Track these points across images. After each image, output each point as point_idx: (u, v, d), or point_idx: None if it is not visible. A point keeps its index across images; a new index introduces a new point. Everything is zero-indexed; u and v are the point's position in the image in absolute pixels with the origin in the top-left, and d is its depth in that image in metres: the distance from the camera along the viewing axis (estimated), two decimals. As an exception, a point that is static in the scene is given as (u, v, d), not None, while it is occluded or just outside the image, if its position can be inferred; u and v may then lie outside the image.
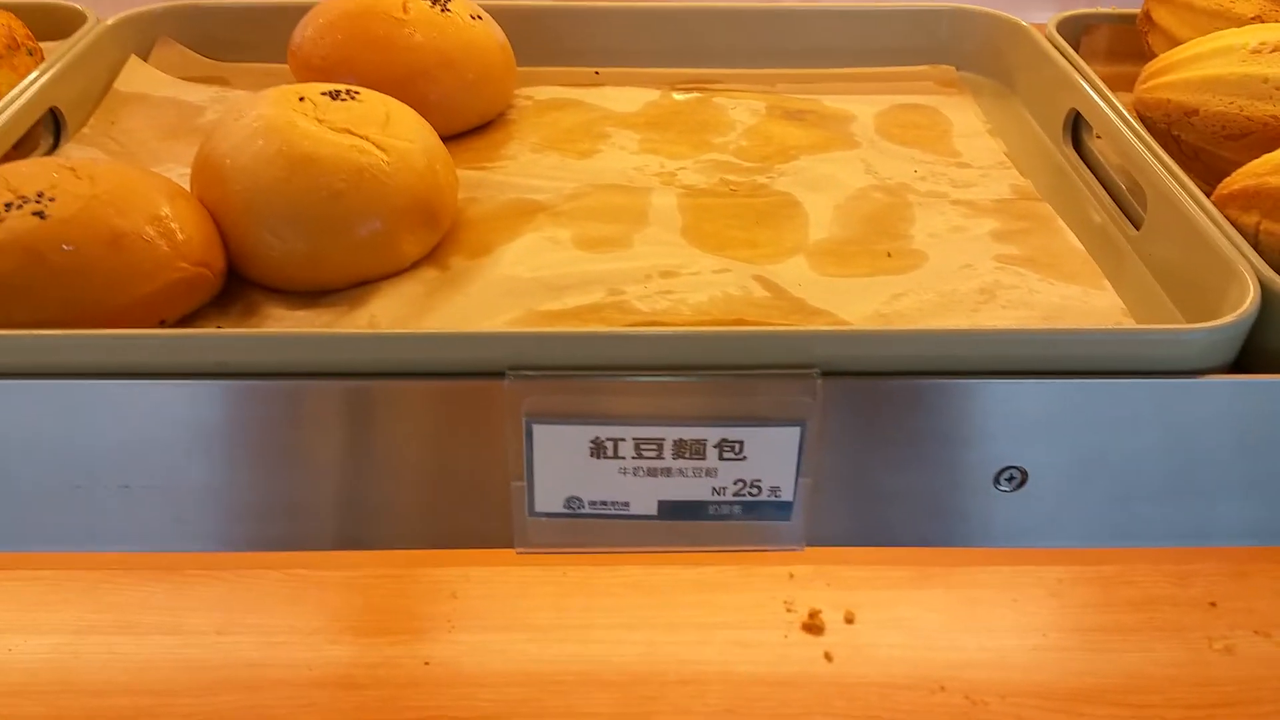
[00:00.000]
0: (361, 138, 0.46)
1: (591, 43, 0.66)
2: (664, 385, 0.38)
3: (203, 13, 0.63)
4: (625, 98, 0.62)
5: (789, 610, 0.92)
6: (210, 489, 0.39)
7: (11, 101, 0.52)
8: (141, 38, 0.63)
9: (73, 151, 0.54)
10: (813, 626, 0.91)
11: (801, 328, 0.40)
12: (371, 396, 0.38)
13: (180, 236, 0.41)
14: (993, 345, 0.38)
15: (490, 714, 0.84)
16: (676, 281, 0.45)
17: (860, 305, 0.44)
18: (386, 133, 0.46)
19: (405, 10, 0.56)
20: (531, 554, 0.40)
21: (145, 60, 0.62)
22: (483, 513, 0.41)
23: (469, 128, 0.58)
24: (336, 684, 0.86)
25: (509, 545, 0.41)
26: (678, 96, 0.63)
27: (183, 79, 0.62)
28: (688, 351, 0.37)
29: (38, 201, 0.39)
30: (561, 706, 0.85)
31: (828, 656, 0.88)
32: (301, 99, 0.47)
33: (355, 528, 0.41)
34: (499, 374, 0.37)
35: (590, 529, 0.40)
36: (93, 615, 0.91)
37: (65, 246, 0.38)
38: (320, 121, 0.46)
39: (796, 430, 0.38)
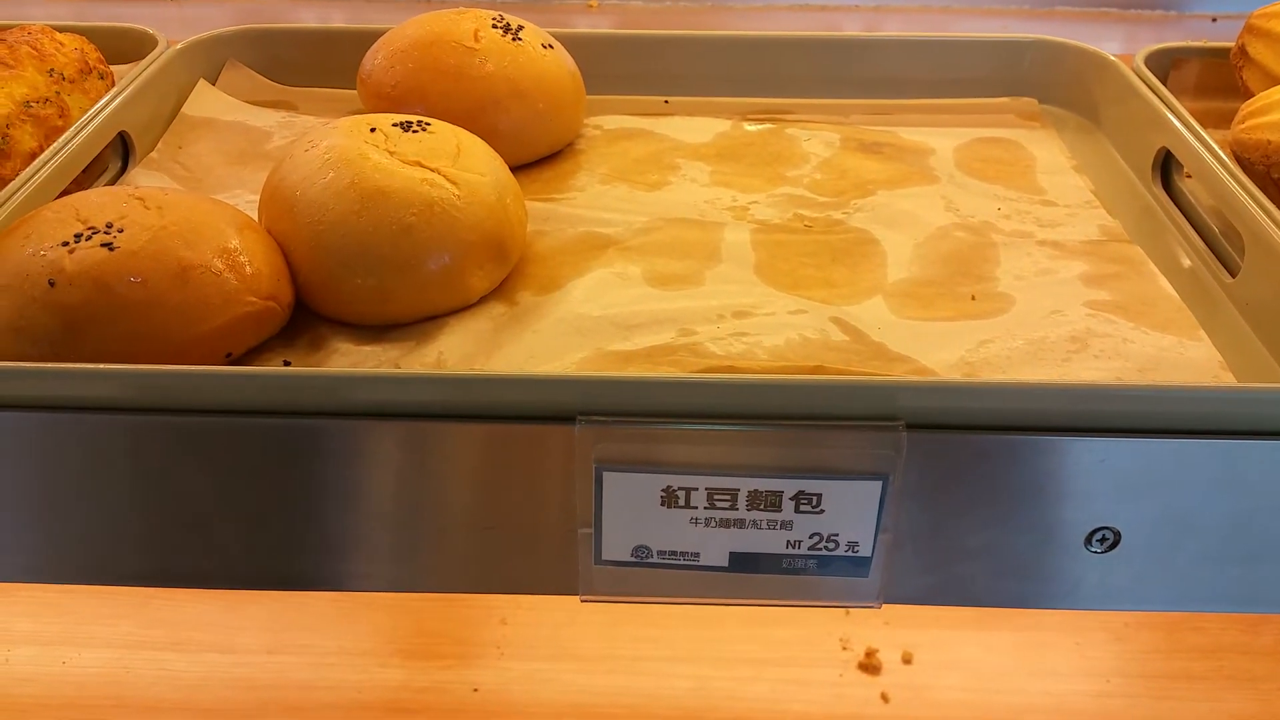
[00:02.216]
0: (433, 170, 0.45)
1: (662, 71, 0.65)
2: (740, 434, 0.36)
3: (271, 37, 0.64)
4: (695, 128, 0.61)
5: (844, 648, 0.90)
6: (269, 525, 0.39)
7: (83, 126, 0.52)
8: (210, 62, 0.63)
9: (140, 176, 0.54)
10: (869, 666, 0.88)
11: (886, 378, 0.38)
12: (438, 437, 0.37)
13: (249, 270, 0.41)
14: (1089, 401, 0.36)
15: (537, 745, 0.83)
16: (751, 323, 0.44)
17: (944, 352, 0.42)
18: (458, 165, 0.46)
19: (477, 39, 0.55)
20: (595, 602, 0.39)
21: (213, 84, 0.62)
22: (546, 559, 0.39)
23: (538, 157, 0.57)
24: (385, 708, 0.85)
25: (572, 592, 0.40)
26: (749, 127, 0.61)
27: (250, 103, 0.62)
28: (766, 400, 0.36)
29: (106, 232, 0.39)
30: (609, 739, 0.84)
31: (884, 698, 0.86)
32: (373, 130, 0.46)
33: (412, 570, 0.40)
34: (569, 419, 0.36)
35: (657, 579, 0.39)
36: (145, 631, 0.91)
37: (133, 279, 0.38)
38: (391, 153, 0.45)
39: (878, 484, 0.36)
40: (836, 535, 0.37)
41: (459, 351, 0.43)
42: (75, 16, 0.65)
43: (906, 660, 0.89)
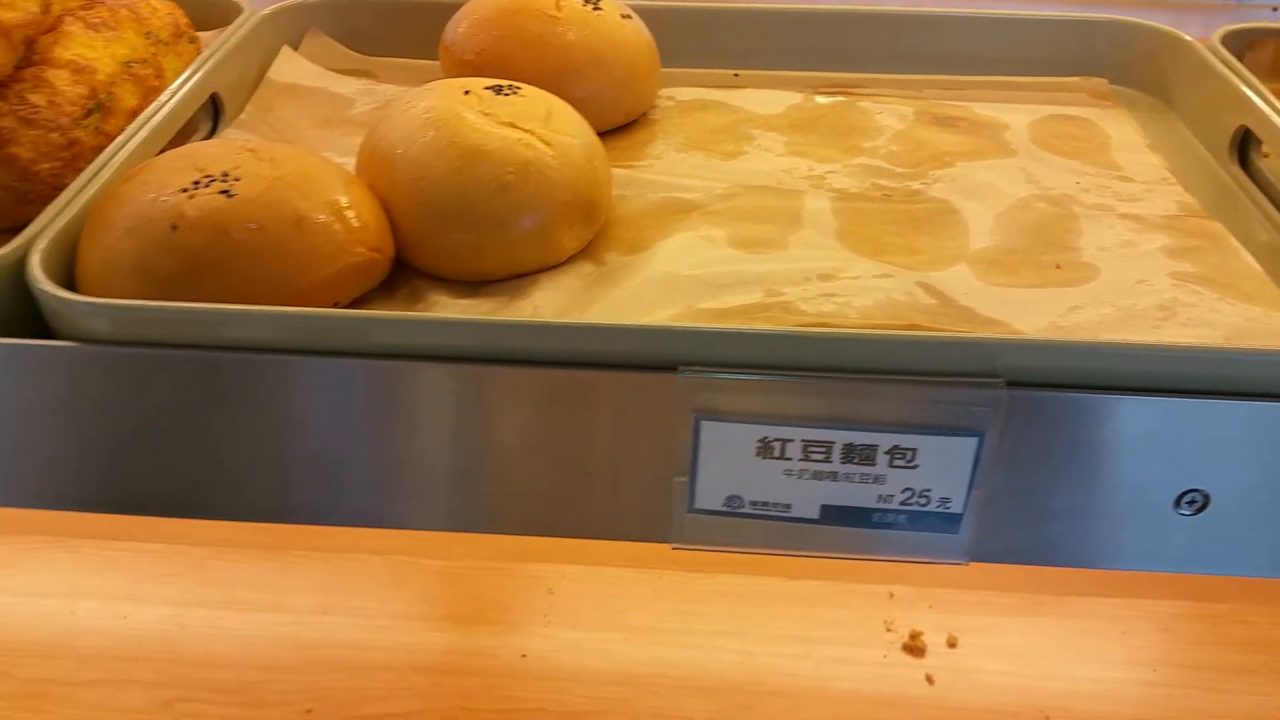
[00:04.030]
0: (527, 131, 0.46)
1: (732, 44, 0.65)
2: (837, 388, 0.37)
3: (352, 6, 0.65)
4: (767, 100, 0.62)
5: (889, 630, 0.91)
6: (377, 466, 0.40)
7: (180, 87, 0.53)
8: (294, 29, 0.64)
9: (231, 136, 0.55)
10: (914, 648, 0.89)
11: (989, 336, 0.39)
12: (540, 384, 0.38)
13: (357, 222, 0.42)
14: (1187, 363, 0.36)
15: (584, 710, 0.84)
16: (837, 285, 0.45)
17: (1034, 317, 0.43)
18: (549, 128, 0.47)
19: (559, 8, 0.56)
20: (687, 550, 0.40)
21: (295, 51, 0.63)
22: (638, 507, 0.40)
23: (614, 126, 0.58)
24: (435, 670, 0.87)
25: (664, 540, 0.41)
26: (821, 100, 0.62)
27: (331, 70, 0.63)
28: (868, 355, 0.37)
29: (223, 180, 0.40)
30: (655, 709, 0.85)
31: (929, 679, 0.86)
32: (467, 92, 0.47)
33: (505, 513, 0.41)
34: (671, 369, 0.37)
35: (748, 529, 0.40)
36: (200, 589, 0.93)
37: (251, 225, 0.39)
38: (486, 115, 0.46)
39: (974, 441, 0.37)
40: (929, 491, 0.38)
41: (553, 306, 0.44)
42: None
43: (951, 644, 0.89)
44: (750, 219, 0.49)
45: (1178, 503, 0.38)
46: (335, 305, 0.42)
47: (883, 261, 0.47)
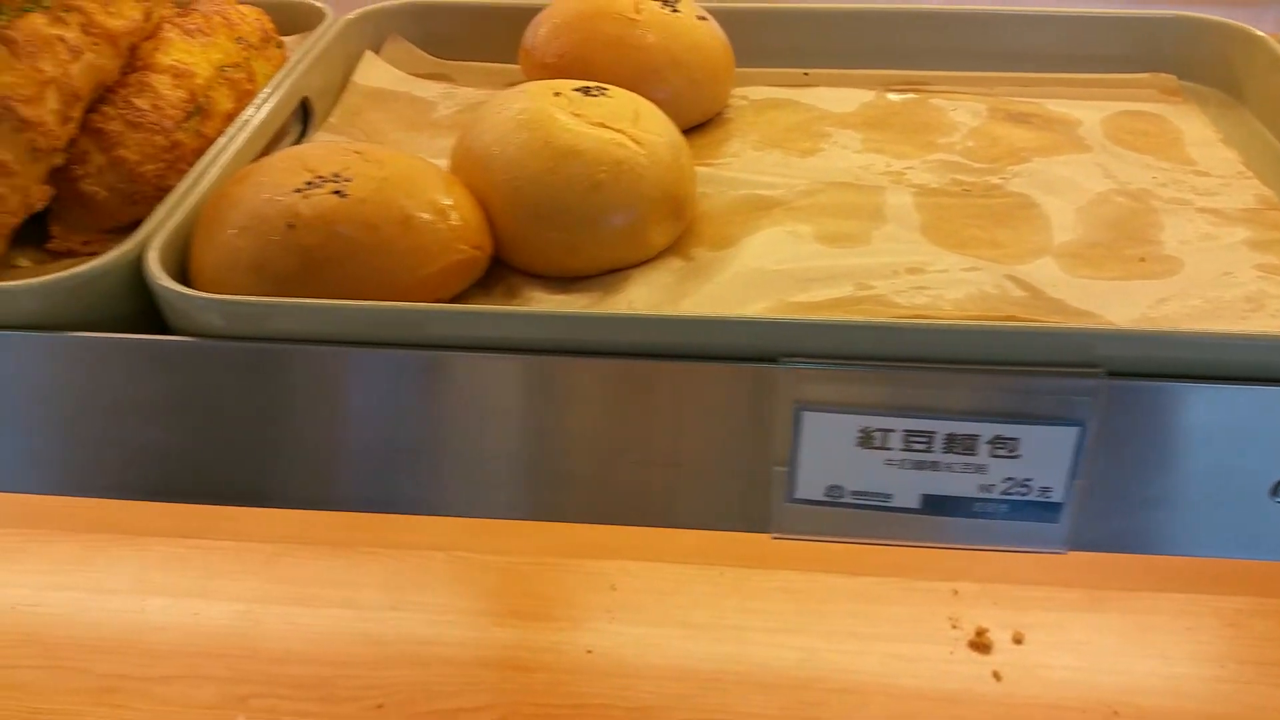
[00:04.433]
0: (617, 131, 0.47)
1: (802, 43, 0.66)
2: (939, 379, 0.38)
3: (431, 11, 0.66)
4: (839, 98, 0.62)
5: (954, 627, 0.91)
6: (480, 458, 0.41)
7: (275, 91, 0.55)
8: (375, 33, 0.66)
9: (322, 139, 0.57)
10: (980, 644, 0.89)
11: (1089, 326, 0.39)
12: (642, 376, 0.39)
13: (459, 221, 0.43)
14: (1284, 352, 0.37)
15: (650, 706, 0.85)
16: (926, 278, 0.45)
17: (1123, 308, 0.43)
18: (638, 127, 0.48)
19: (637, 11, 0.57)
20: (786, 539, 0.41)
21: (377, 55, 0.65)
22: (735, 497, 0.41)
23: (692, 125, 0.59)
24: (503, 665, 0.88)
25: (762, 530, 0.41)
26: (893, 97, 0.63)
27: (411, 74, 0.65)
28: (970, 346, 0.37)
29: (335, 181, 0.42)
30: (720, 705, 0.86)
31: (996, 675, 0.86)
32: (557, 94, 0.49)
33: (604, 501, 0.42)
34: (771, 360, 0.38)
35: (848, 519, 0.40)
36: (271, 586, 0.95)
37: (363, 224, 0.41)
38: (577, 115, 0.47)
39: (1075, 430, 0.37)
40: (1030, 480, 0.38)
41: (647, 301, 0.45)
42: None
43: (1017, 640, 0.89)
44: (834, 214, 0.50)
45: (1275, 491, 0.39)
46: (437, 301, 0.43)
47: (968, 255, 0.47)
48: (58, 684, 0.88)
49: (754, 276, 0.45)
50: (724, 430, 0.40)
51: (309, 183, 0.42)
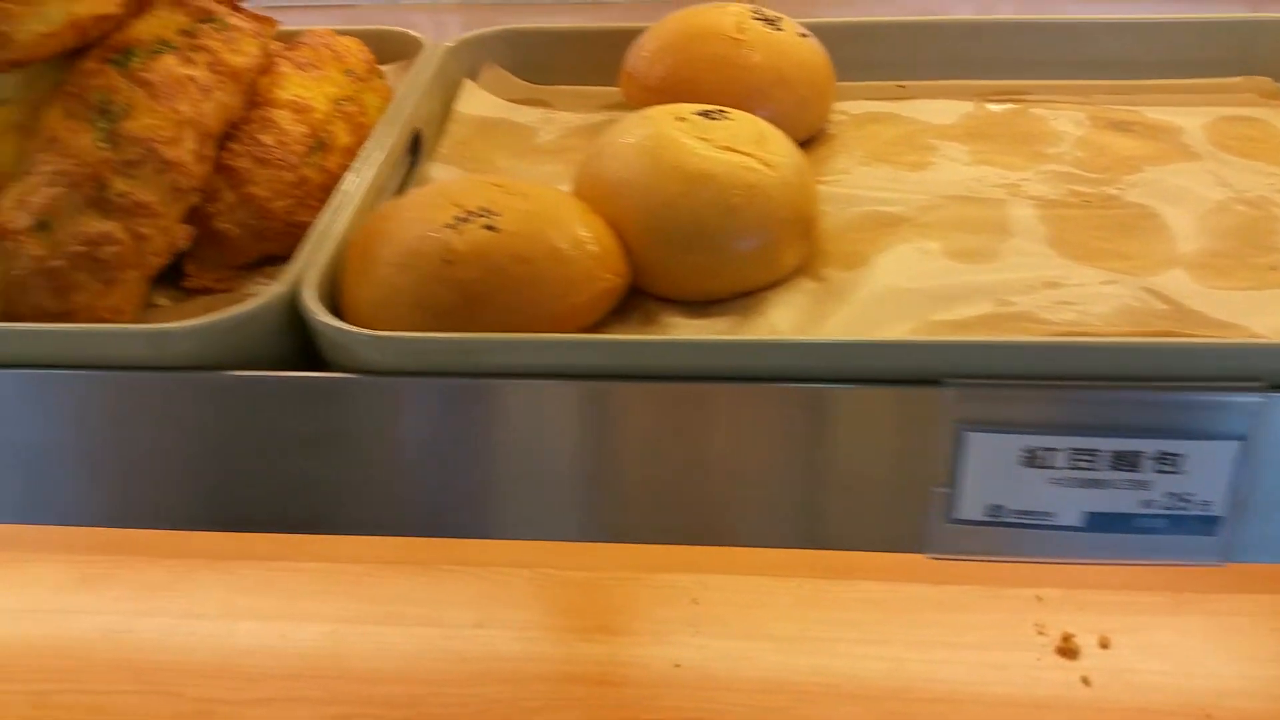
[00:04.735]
0: (746, 154, 0.47)
1: (895, 56, 0.66)
2: (1103, 396, 0.38)
3: (527, 37, 0.67)
4: (939, 110, 0.62)
5: (1040, 633, 0.90)
6: (635, 482, 0.41)
7: (392, 124, 0.55)
8: (472, 61, 0.66)
9: (436, 169, 0.58)
10: (1067, 650, 0.89)
11: (1250, 341, 0.39)
12: (795, 400, 0.40)
13: (600, 250, 0.44)
14: None
15: (740, 719, 0.85)
16: (1066, 293, 0.45)
17: (1267, 318, 0.43)
18: (765, 149, 0.48)
19: (741, 31, 0.58)
20: (943, 560, 0.41)
21: (474, 83, 0.66)
22: (891, 517, 0.42)
23: (796, 143, 0.59)
24: (592, 680, 0.88)
25: (917, 550, 0.42)
26: (992, 108, 0.63)
27: (508, 101, 0.65)
28: (1133, 363, 0.37)
29: (484, 215, 0.42)
30: (810, 716, 0.86)
31: (1085, 681, 0.86)
32: (680, 119, 0.49)
33: (763, 525, 0.42)
34: (933, 381, 0.38)
35: (1007, 538, 0.40)
36: (358, 606, 0.96)
37: (518, 257, 0.41)
38: (704, 140, 0.48)
39: (1236, 445, 0.37)
40: (1191, 495, 0.38)
41: (788, 323, 0.45)
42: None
43: (1104, 645, 0.89)
44: (959, 229, 0.50)
45: None
46: (580, 330, 0.44)
47: (1101, 268, 0.47)
48: (152, 709, 0.89)
49: (892, 296, 0.45)
50: (882, 451, 0.40)
51: (459, 218, 0.42)
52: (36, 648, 0.95)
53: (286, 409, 0.42)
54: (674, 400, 0.40)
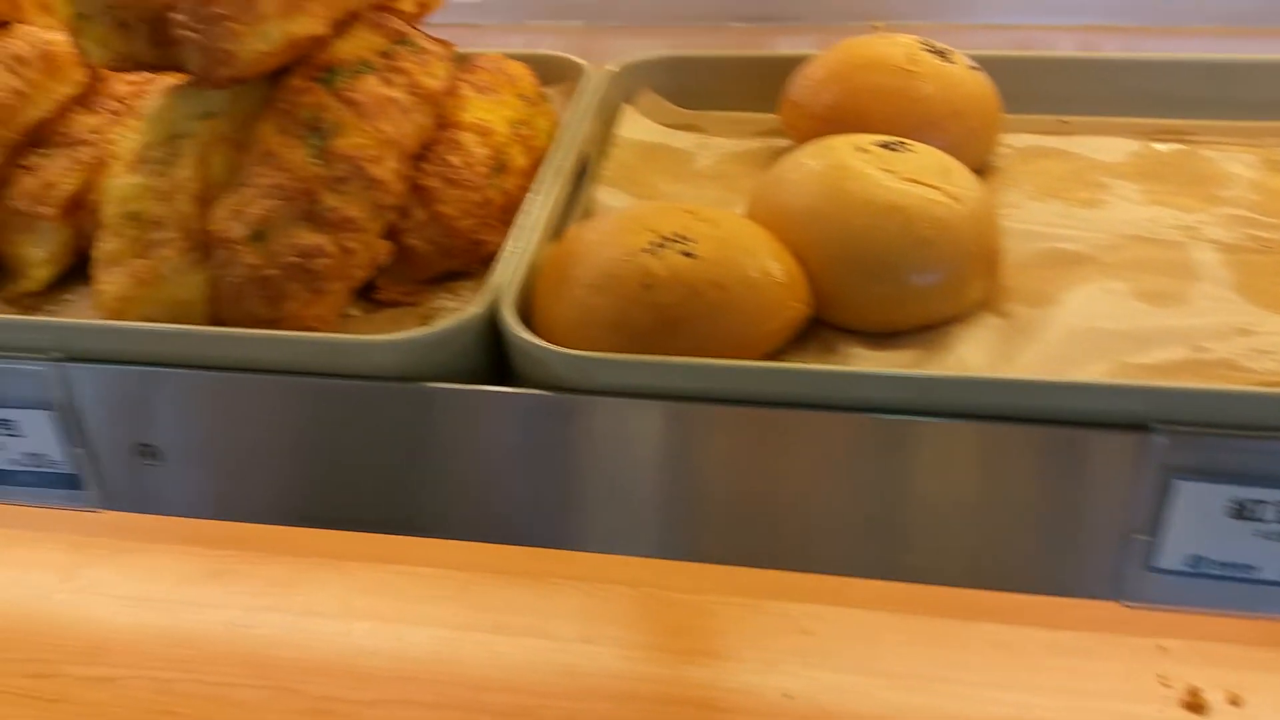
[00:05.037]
0: (932, 187, 0.47)
1: (1060, 90, 0.65)
2: (1320, 450, 0.37)
3: (686, 64, 0.68)
4: (1105, 147, 0.62)
5: (1164, 685, 0.88)
6: (837, 514, 0.42)
7: (564, 146, 0.57)
8: (630, 86, 0.67)
9: (602, 193, 0.58)
10: (1194, 705, 0.86)
11: None
12: (995, 440, 0.39)
13: (788, 279, 0.44)
14: None
15: (857, 755, 0.84)
16: (1260, 340, 0.44)
17: None
18: (950, 182, 0.48)
19: (913, 62, 0.58)
20: (1140, 609, 0.40)
21: (631, 106, 0.67)
22: (1084, 562, 0.41)
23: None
24: (701, 705, 0.88)
25: (1112, 597, 0.41)
26: (1160, 148, 0.62)
27: (664, 125, 0.66)
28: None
29: (679, 241, 0.43)
30: (928, 756, 0.84)
31: (1214, 738, 0.83)
32: (862, 149, 0.49)
33: (953, 564, 0.42)
34: (1139, 426, 0.38)
35: (1206, 590, 0.39)
36: (469, 613, 0.97)
37: (715, 283, 0.42)
38: (889, 171, 0.48)
39: None
40: None
41: (977, 359, 0.45)
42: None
43: (1234, 702, 0.86)
44: (1144, 271, 0.49)
45: None
46: (765, 357, 0.44)
47: (1294, 316, 0.46)
48: (273, 704, 0.92)
49: (1085, 336, 0.45)
50: (1078, 494, 0.40)
51: (655, 243, 0.43)
52: (160, 636, 0.98)
53: (478, 420, 0.43)
54: (866, 432, 0.40)
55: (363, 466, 0.46)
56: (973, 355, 0.45)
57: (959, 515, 0.41)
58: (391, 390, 0.43)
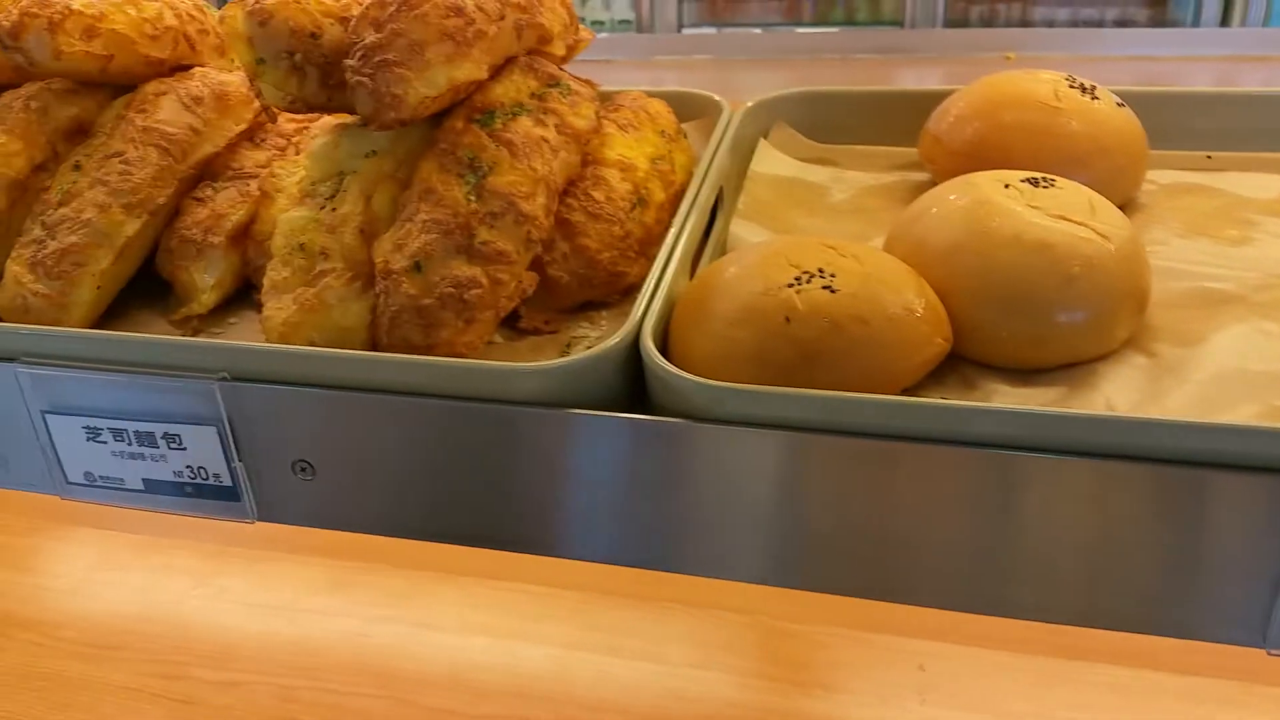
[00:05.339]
0: (1079, 224, 0.47)
1: (1205, 126, 0.64)
2: None
3: (822, 99, 0.68)
4: (1255, 184, 0.60)
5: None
6: (962, 551, 0.41)
7: (702, 181, 0.58)
8: (766, 121, 0.68)
9: (738, 226, 0.59)
10: (1341, 765, 0.81)
11: None
12: (1144, 480, 0.39)
13: (930, 314, 0.44)
14: None
15: (972, 797, 0.82)
16: None
17: None
18: (1097, 219, 0.47)
19: (1059, 99, 0.57)
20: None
21: (766, 141, 0.68)
22: (1230, 606, 0.40)
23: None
24: (817, 739, 0.87)
25: (1258, 645, 0.40)
26: (1314, 183, 0.59)
27: (798, 159, 0.67)
28: None
29: (821, 276, 0.44)
30: (1050, 802, 0.82)
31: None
32: (1006, 185, 0.49)
33: (1086, 603, 0.41)
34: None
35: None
36: (581, 633, 0.99)
37: (857, 318, 0.42)
38: (1034, 208, 0.47)
39: None
40: None
41: (1125, 399, 0.44)
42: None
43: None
44: (1300, 313, 0.48)
45: None
46: (902, 392, 0.44)
47: None
48: (390, 714, 0.94)
49: (1236, 378, 0.44)
50: (1233, 539, 0.39)
51: (797, 278, 0.44)
52: (285, 644, 1.02)
53: (614, 444, 0.44)
54: (1008, 470, 0.40)
55: (500, 485, 0.47)
56: (1120, 396, 0.44)
57: (1094, 555, 0.40)
58: (535, 414, 0.44)
